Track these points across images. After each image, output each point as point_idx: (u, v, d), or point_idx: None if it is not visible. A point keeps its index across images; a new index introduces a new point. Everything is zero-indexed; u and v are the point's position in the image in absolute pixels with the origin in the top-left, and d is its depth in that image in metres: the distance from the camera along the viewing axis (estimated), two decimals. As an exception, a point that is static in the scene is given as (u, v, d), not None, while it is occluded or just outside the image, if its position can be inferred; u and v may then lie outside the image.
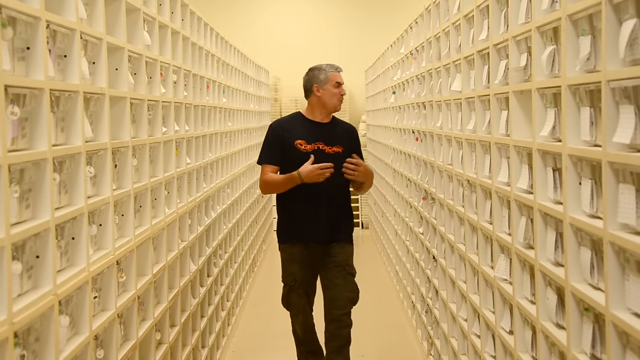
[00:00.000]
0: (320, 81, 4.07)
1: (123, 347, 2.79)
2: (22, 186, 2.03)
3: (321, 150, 4.00)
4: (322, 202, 4.00)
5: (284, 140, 4.02)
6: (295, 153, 3.98)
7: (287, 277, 4.08)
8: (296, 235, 4.06)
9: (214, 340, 4.74)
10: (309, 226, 4.02)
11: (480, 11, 3.28)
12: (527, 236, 2.66)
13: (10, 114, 1.90)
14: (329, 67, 4.10)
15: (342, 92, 4.11)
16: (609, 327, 1.90)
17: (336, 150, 4.04)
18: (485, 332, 3.30)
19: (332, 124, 4.17)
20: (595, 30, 2.06)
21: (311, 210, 4.00)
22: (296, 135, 4.02)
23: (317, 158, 3.95)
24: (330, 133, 4.08)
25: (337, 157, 4.03)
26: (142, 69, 3.18)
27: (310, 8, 12.38)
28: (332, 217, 4.04)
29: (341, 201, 4.12)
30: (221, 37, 5.80)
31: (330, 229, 4.03)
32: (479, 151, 3.31)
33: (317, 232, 4.02)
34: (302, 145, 4.00)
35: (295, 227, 4.06)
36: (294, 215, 4.07)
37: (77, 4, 2.36)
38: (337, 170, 3.98)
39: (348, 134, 4.18)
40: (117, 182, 2.87)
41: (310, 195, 3.98)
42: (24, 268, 2.01)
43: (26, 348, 1.98)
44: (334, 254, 4.03)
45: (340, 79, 4.10)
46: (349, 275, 4.02)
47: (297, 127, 4.07)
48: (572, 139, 2.18)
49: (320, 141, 4.02)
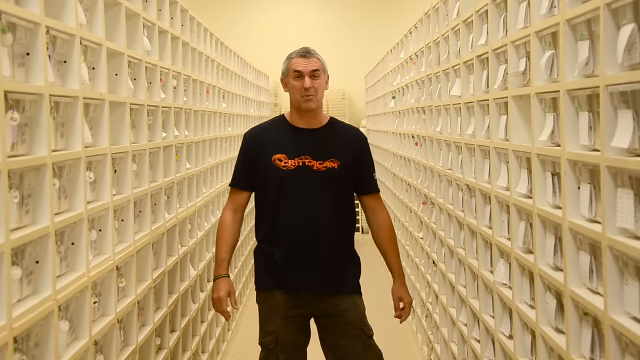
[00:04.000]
0: (283, 72, 3.06)
1: (123, 352, 2.79)
2: (22, 191, 2.03)
3: (307, 167, 2.94)
4: (314, 239, 2.94)
5: (259, 155, 3.00)
6: (272, 172, 2.95)
7: (265, 337, 2.99)
8: (277, 279, 2.98)
9: (214, 346, 4.73)
10: (297, 268, 2.95)
11: (479, 16, 3.29)
12: (526, 241, 2.66)
13: (10, 119, 1.90)
14: (292, 53, 3.05)
15: (305, 85, 2.92)
16: (608, 331, 1.90)
17: (329, 166, 2.95)
18: (485, 337, 3.30)
19: (325, 130, 3.04)
20: (594, 35, 2.07)
21: (300, 246, 2.95)
22: (274, 148, 2.97)
23: (302, 177, 2.94)
24: (321, 142, 3.00)
25: (330, 177, 2.96)
26: (142, 74, 3.18)
27: (310, 13, 12.40)
28: (330, 258, 2.98)
29: (341, 236, 3.03)
30: (221, 42, 5.81)
31: (328, 274, 2.97)
32: (479, 156, 3.32)
33: (309, 278, 2.96)
34: (282, 161, 2.94)
35: (276, 268, 2.98)
36: (277, 251, 2.98)
37: (77, 10, 2.37)
38: (333, 195, 2.97)
39: (350, 142, 3.05)
40: (116, 188, 2.87)
41: (298, 227, 2.95)
42: (23, 273, 2.01)
43: (26, 353, 1.98)
44: (342, 310, 2.97)
45: (300, 65, 2.95)
46: (368, 340, 3.00)
47: (276, 137, 3.02)
48: (570, 144, 2.18)
49: (306, 154, 2.95)
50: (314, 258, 2.94)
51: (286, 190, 2.94)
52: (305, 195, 2.94)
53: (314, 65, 2.96)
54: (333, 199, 2.97)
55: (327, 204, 2.96)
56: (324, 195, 2.95)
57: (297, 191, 2.94)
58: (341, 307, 2.97)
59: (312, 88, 2.93)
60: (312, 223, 2.94)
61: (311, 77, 2.94)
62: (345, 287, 3.01)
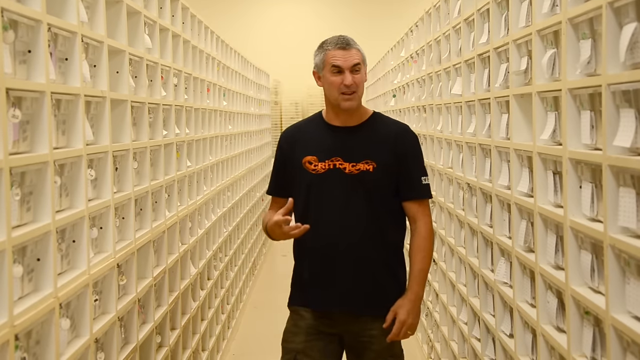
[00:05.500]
0: (317, 65, 2.65)
1: (123, 350, 2.79)
2: (23, 189, 2.03)
3: (338, 169, 2.56)
4: (346, 253, 2.56)
5: (292, 158, 2.65)
6: (303, 177, 2.60)
7: (285, 355, 2.68)
8: (305, 295, 2.67)
9: (214, 343, 4.73)
10: (325, 285, 2.60)
11: (480, 15, 3.28)
12: (527, 239, 2.66)
13: (12, 117, 1.90)
14: (328, 43, 2.61)
15: (346, 82, 2.53)
16: (609, 330, 1.90)
17: (362, 168, 2.56)
18: (485, 336, 3.30)
19: (364, 127, 2.64)
20: (596, 33, 2.06)
21: (329, 262, 2.59)
22: (306, 149, 2.62)
23: (332, 182, 2.56)
24: (357, 142, 2.61)
25: (365, 182, 2.55)
26: (143, 72, 3.18)
27: (310, 11, 12.40)
28: (364, 275, 2.58)
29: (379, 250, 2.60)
30: (221, 40, 5.81)
31: (360, 293, 2.59)
32: (479, 154, 3.31)
33: (338, 297, 2.60)
34: (311, 164, 2.59)
35: (304, 284, 2.67)
36: (305, 267, 2.67)
37: (79, 7, 2.37)
38: (369, 203, 2.55)
39: (392, 140, 2.61)
40: (117, 185, 2.87)
41: (328, 240, 2.56)
42: (24, 271, 2.01)
43: (27, 351, 1.98)
44: (371, 337, 2.61)
45: (339, 59, 2.54)
46: None
47: (310, 136, 2.67)
48: (572, 143, 2.18)
49: (338, 155, 2.58)
50: (344, 275, 2.56)
51: (314, 198, 2.56)
52: (335, 203, 2.55)
53: (355, 59, 2.54)
54: (369, 206, 2.55)
55: (361, 212, 2.54)
56: (358, 203, 2.53)
57: (327, 199, 2.57)
58: (371, 333, 2.60)
59: (353, 84, 2.54)
60: (344, 235, 2.54)
61: (352, 72, 2.54)
62: (379, 310, 2.59)
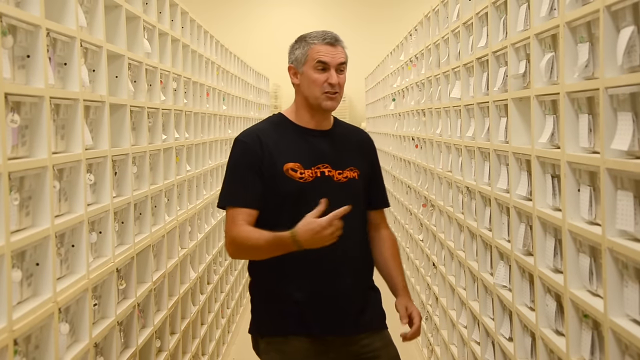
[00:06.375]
0: (297, 59, 2.39)
1: (123, 354, 2.79)
2: (22, 194, 2.03)
3: (327, 177, 2.33)
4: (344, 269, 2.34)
5: (269, 165, 2.31)
6: (286, 186, 2.29)
7: None
8: (297, 321, 2.32)
9: (214, 348, 4.73)
10: (325, 307, 2.32)
11: (479, 19, 3.29)
12: (526, 243, 2.66)
13: (11, 121, 1.91)
14: (312, 37, 2.38)
15: (332, 80, 2.32)
16: (608, 333, 1.90)
17: (349, 176, 2.37)
18: (485, 339, 3.30)
19: (336, 132, 2.45)
20: (594, 37, 2.07)
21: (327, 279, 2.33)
22: (284, 155, 2.32)
23: (323, 191, 2.25)
24: (337, 148, 2.41)
25: (353, 190, 2.38)
26: (142, 76, 3.19)
27: (309, 15, 12.42)
28: (360, 290, 2.40)
29: (367, 262, 2.47)
30: (221, 44, 5.81)
31: (359, 311, 2.38)
32: (478, 158, 3.32)
33: (339, 318, 2.34)
34: (296, 171, 2.30)
35: (295, 306, 2.32)
36: (294, 285, 2.32)
37: (77, 12, 2.37)
38: (356, 212, 2.30)
39: (363, 147, 2.50)
40: (117, 190, 2.87)
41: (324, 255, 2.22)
42: (23, 275, 2.01)
43: (26, 355, 1.98)
44: (375, 350, 2.38)
45: (327, 56, 2.34)
46: None
47: (284, 141, 2.36)
48: (570, 146, 2.19)
49: (324, 162, 2.34)
50: (344, 293, 2.34)
51: (305, 209, 2.16)
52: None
53: (341, 57, 2.38)
54: (358, 216, 2.36)
55: (353, 222, 2.28)
56: (349, 213, 2.17)
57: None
58: (373, 347, 2.38)
59: (337, 84, 2.35)
60: (340, 249, 2.24)
61: (337, 71, 2.36)
62: (374, 323, 2.42)
